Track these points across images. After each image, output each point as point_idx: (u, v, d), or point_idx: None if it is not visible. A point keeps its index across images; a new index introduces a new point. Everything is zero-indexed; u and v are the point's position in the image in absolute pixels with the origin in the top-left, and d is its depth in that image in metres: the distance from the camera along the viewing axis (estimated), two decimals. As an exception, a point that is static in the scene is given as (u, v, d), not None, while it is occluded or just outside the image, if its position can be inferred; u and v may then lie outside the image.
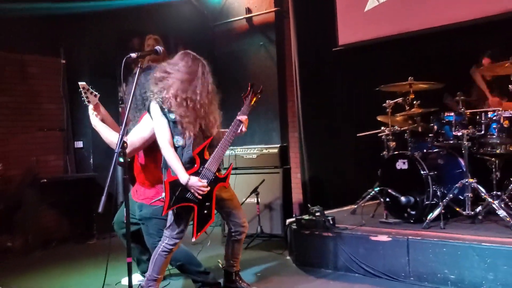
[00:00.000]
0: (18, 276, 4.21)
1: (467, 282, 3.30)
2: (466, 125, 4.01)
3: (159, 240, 3.40)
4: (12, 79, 5.84)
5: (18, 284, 3.93)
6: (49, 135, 6.09)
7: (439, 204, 3.86)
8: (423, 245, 3.53)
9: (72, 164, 6.20)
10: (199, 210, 3.07)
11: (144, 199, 3.39)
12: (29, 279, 4.13)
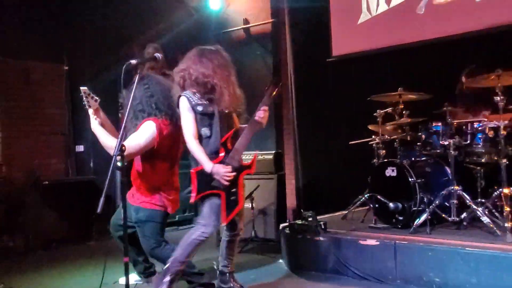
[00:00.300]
0: (19, 275, 4.23)
1: (451, 285, 3.33)
2: (453, 134, 4.05)
3: (155, 242, 3.43)
4: (16, 85, 5.89)
5: (19, 283, 3.95)
6: (51, 139, 6.12)
7: (426, 210, 3.88)
8: (410, 249, 3.56)
9: (73, 167, 6.22)
10: (227, 197, 3.11)
11: (140, 203, 3.40)
12: (29, 278, 4.16)
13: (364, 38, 5.39)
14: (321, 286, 3.72)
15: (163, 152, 3.42)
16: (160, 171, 3.47)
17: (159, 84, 3.50)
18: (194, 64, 3.22)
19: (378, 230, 4.09)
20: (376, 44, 5.26)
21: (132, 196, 3.46)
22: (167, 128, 3.39)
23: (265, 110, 3.22)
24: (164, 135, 3.35)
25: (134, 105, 3.32)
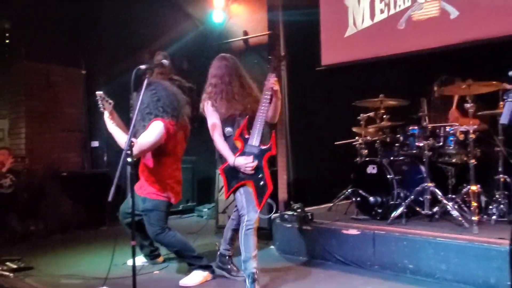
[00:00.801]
0: (38, 255, 4.24)
1: (423, 271, 3.34)
2: (427, 137, 4.05)
3: (160, 229, 3.43)
4: (39, 86, 5.92)
5: (38, 262, 3.95)
6: (70, 135, 6.14)
7: (402, 204, 3.89)
8: (387, 238, 3.57)
9: (88, 161, 6.24)
10: (256, 184, 2.99)
11: (147, 193, 3.43)
12: (48, 258, 4.17)
13: (350, 49, 5.40)
14: (307, 270, 3.71)
15: (169, 149, 3.46)
16: (166, 165, 3.50)
17: (165, 90, 3.52)
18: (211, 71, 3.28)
19: (359, 221, 4.08)
20: (361, 55, 5.27)
21: (139, 188, 3.48)
22: (173, 127, 3.41)
23: (274, 78, 3.07)
24: (171, 133, 3.38)
25: (142, 109, 3.33)
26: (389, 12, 5.17)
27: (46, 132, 5.94)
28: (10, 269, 3.68)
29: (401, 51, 4.98)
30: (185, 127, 3.64)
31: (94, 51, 6.24)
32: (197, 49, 7.01)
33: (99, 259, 4.03)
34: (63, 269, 3.80)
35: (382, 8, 5.22)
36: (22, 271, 3.70)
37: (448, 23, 4.75)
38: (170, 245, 3.53)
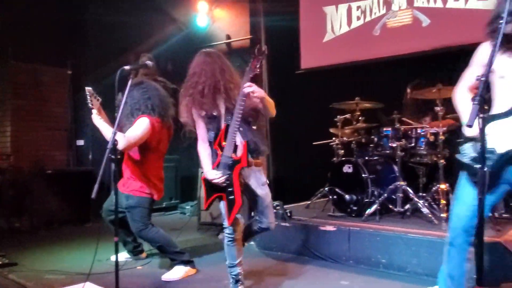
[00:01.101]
0: (24, 252, 4.12)
1: (395, 265, 3.37)
2: (400, 138, 4.10)
3: (143, 225, 3.38)
4: (25, 86, 5.79)
5: (22, 258, 3.85)
6: (55, 134, 6.02)
7: (376, 202, 3.93)
8: (361, 234, 3.58)
9: (73, 159, 6.14)
10: (227, 197, 2.70)
11: (131, 190, 3.39)
12: (32, 254, 4.06)
13: (328, 54, 5.42)
14: (286, 265, 3.70)
15: (153, 145, 3.43)
16: (149, 162, 3.48)
17: (155, 90, 3.53)
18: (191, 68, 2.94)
19: (335, 218, 4.10)
20: (338, 59, 5.30)
21: (123, 185, 3.43)
22: (158, 125, 3.41)
23: (249, 86, 2.62)
24: (156, 130, 3.37)
25: (132, 104, 3.36)
26: (365, 19, 5.21)
27: (32, 131, 5.81)
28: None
29: (376, 57, 5.03)
30: (170, 127, 3.61)
31: (80, 52, 6.14)
32: (181, 51, 6.94)
33: (82, 255, 3.95)
34: (47, 265, 3.70)
35: (359, 15, 5.26)
36: (6, 267, 3.59)
37: (421, 31, 4.81)
38: (153, 241, 3.49)
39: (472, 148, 2.33)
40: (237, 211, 2.68)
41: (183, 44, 6.95)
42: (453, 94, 2.50)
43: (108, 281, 3.01)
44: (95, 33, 6.03)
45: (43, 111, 5.97)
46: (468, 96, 2.43)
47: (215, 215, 5.05)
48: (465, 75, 2.49)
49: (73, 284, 3.14)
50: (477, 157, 2.28)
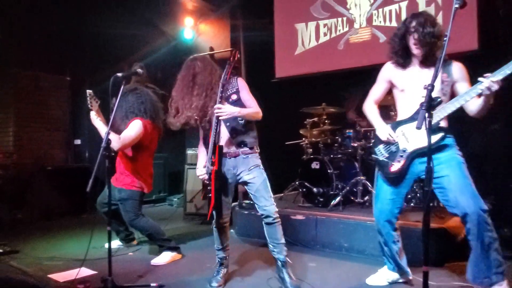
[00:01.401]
0: (25, 240, 4.02)
1: (356, 249, 3.44)
2: (360, 139, 4.17)
3: (134, 215, 3.34)
4: (27, 91, 5.64)
5: (23, 246, 3.75)
6: (55, 134, 5.88)
7: (339, 194, 3.98)
8: (327, 222, 3.63)
9: (71, 157, 6.02)
10: (207, 194, 2.64)
11: (123, 184, 3.35)
12: (33, 243, 3.95)
13: (299, 65, 5.44)
14: (261, 250, 3.71)
15: (145, 144, 3.40)
16: (141, 159, 3.44)
17: (148, 95, 3.52)
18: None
19: (304, 208, 4.13)
20: (308, 70, 5.32)
21: (115, 180, 3.38)
22: (150, 126, 3.40)
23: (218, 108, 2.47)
24: (148, 131, 3.36)
25: (127, 108, 3.35)
26: (331, 35, 5.26)
27: (33, 131, 5.66)
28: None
29: (340, 68, 5.05)
30: (159, 129, 3.58)
31: (78, 61, 6.01)
32: (169, 61, 6.90)
33: (78, 243, 3.89)
34: (46, 252, 3.62)
35: (325, 31, 5.30)
36: (8, 254, 3.49)
37: (378, 46, 4.87)
38: (143, 229, 3.45)
39: (384, 149, 2.47)
40: (212, 209, 2.60)
41: (171, 55, 6.91)
42: (364, 106, 2.66)
43: (102, 266, 2.97)
44: (92, 44, 5.92)
45: (43, 114, 5.81)
46: (374, 108, 2.62)
47: (199, 206, 5.04)
48: (372, 91, 2.65)
49: (70, 269, 3.08)
50: (389, 156, 2.44)
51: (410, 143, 2.36)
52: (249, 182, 2.64)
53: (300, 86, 5.47)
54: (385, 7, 4.87)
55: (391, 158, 2.44)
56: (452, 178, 2.24)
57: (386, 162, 2.45)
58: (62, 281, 2.87)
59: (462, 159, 2.32)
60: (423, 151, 2.28)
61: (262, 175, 2.66)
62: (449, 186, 2.24)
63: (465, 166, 2.30)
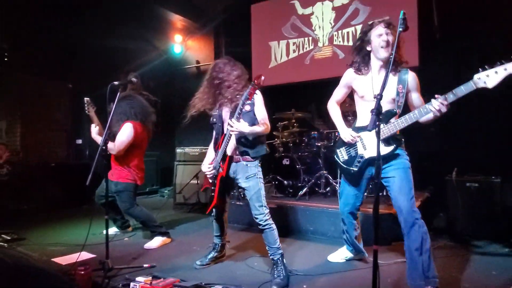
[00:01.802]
0: (30, 229, 3.85)
1: (319, 232, 3.46)
2: (323, 139, 4.21)
3: (129, 205, 3.28)
4: (32, 96, 5.44)
5: (29, 234, 3.59)
6: (58, 134, 5.69)
7: (306, 186, 4.01)
8: (295, 210, 3.64)
9: (73, 154, 5.84)
10: (210, 192, 2.55)
11: (119, 178, 3.27)
12: (38, 231, 3.79)
13: (273, 76, 5.46)
14: (238, 233, 3.72)
15: (137, 143, 3.34)
16: (133, 156, 3.37)
17: (139, 101, 3.46)
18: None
19: (277, 198, 4.13)
20: (280, 81, 5.35)
21: (112, 175, 3.29)
22: (140, 128, 3.33)
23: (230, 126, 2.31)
24: (138, 132, 3.31)
25: (120, 112, 3.27)
26: (299, 52, 5.31)
27: (38, 132, 5.45)
28: (4, 240, 3.33)
29: (307, 79, 5.12)
30: (149, 130, 3.52)
31: (79, 69, 5.83)
32: (161, 72, 6.81)
33: (79, 231, 3.76)
34: (50, 239, 3.49)
35: (294, 49, 5.35)
36: (15, 241, 3.35)
37: (338, 61, 4.96)
38: (137, 217, 3.37)
39: (345, 152, 2.42)
40: (212, 206, 2.55)
41: (162, 66, 6.84)
42: (328, 105, 2.59)
43: (100, 250, 2.89)
44: (91, 55, 5.74)
45: (47, 116, 5.61)
46: (337, 108, 2.55)
47: (187, 197, 4.98)
48: (334, 93, 2.57)
49: (71, 254, 2.98)
50: (348, 159, 2.40)
51: (367, 150, 2.30)
52: (245, 189, 2.50)
53: (273, 94, 5.45)
54: (343, 29, 4.96)
55: (349, 163, 2.38)
56: (396, 180, 2.21)
57: (346, 168, 2.43)
58: (64, 264, 2.77)
59: (408, 164, 2.26)
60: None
61: (257, 185, 2.46)
62: (393, 186, 2.22)
63: (410, 171, 2.24)
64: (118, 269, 2.61)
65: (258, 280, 2.44)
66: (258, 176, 2.49)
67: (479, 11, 4.11)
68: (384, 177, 2.26)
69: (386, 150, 2.21)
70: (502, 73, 1.80)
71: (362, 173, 2.38)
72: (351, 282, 2.44)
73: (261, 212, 2.46)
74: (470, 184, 3.30)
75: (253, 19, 5.68)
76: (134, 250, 3.14)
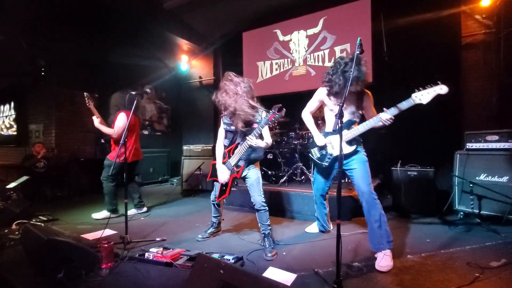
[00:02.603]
0: (63, 211, 3.75)
1: (296, 211, 3.45)
2: (299, 138, 4.22)
3: (108, 177, 3.34)
4: (65, 103, 5.25)
5: (63, 216, 3.51)
6: (86, 135, 5.50)
7: (285, 175, 3.99)
8: (278, 194, 3.61)
9: (98, 151, 5.68)
10: (222, 187, 2.53)
11: (110, 156, 3.39)
12: (69, 213, 3.70)
13: (260, 89, 5.44)
14: (232, 213, 3.69)
15: (130, 128, 3.42)
16: (129, 138, 3.46)
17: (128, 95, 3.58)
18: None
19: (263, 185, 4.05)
20: (265, 93, 5.33)
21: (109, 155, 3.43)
22: (129, 114, 3.39)
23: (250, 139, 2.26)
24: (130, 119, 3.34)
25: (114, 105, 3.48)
26: (280, 70, 5.31)
27: (70, 132, 5.29)
28: (41, 220, 3.25)
29: (286, 91, 5.12)
30: (139, 119, 3.65)
31: (104, 81, 5.69)
32: (170, 85, 6.71)
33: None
34: (79, 219, 3.41)
35: (276, 67, 5.34)
36: (50, 221, 3.27)
37: (311, 78, 4.98)
38: (105, 189, 3.37)
39: (317, 151, 2.51)
40: (223, 198, 2.56)
41: (171, 81, 6.73)
42: (302, 115, 2.64)
43: (121, 228, 2.82)
44: (114, 69, 5.62)
45: (77, 120, 5.43)
46: (311, 118, 2.61)
47: (192, 185, 4.93)
48: (308, 105, 2.62)
49: (96, 231, 2.92)
50: (320, 157, 2.48)
51: (334, 149, 2.39)
52: (246, 177, 2.47)
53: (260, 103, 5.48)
54: (315, 53, 4.98)
55: (321, 159, 2.47)
56: (358, 170, 2.27)
57: (319, 163, 2.49)
58: (91, 239, 2.71)
59: (366, 158, 2.33)
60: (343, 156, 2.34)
61: (256, 174, 2.46)
62: (356, 175, 2.27)
63: (367, 164, 2.30)
64: (135, 243, 2.57)
65: (248, 249, 2.44)
66: (257, 168, 2.53)
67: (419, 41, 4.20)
68: (348, 169, 2.34)
69: (349, 149, 2.31)
70: (432, 93, 1.94)
71: (331, 166, 2.47)
72: (320, 249, 2.46)
73: (259, 195, 2.43)
74: (410, 172, 3.37)
75: (244, 43, 5.66)
76: (149, 228, 3.10)
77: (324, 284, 1.91)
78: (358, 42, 1.84)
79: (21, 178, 3.82)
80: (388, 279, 1.97)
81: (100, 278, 1.98)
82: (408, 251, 2.38)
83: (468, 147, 3.15)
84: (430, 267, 2.11)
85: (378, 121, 2.12)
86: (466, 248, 2.39)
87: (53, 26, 4.82)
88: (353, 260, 2.22)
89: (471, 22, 4.08)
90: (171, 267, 2.13)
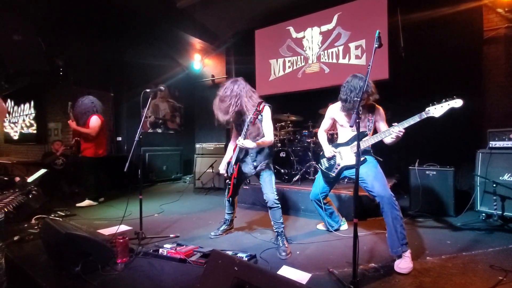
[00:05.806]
0: (80, 207, 3.85)
1: (309, 209, 3.40)
2: (312, 136, 4.16)
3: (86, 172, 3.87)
4: (82, 102, 5.42)
5: (80, 211, 3.61)
6: (103, 133, 5.70)
7: (298, 173, 3.95)
8: (291, 192, 3.59)
9: (114, 148, 5.81)
10: (227, 186, 2.57)
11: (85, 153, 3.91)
12: (87, 209, 3.79)
13: (272, 87, 5.43)
14: (245, 211, 3.68)
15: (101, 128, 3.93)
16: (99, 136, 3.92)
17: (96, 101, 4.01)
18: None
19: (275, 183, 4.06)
20: (278, 91, 5.31)
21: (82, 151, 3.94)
22: (100, 117, 3.95)
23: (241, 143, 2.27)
24: (101, 121, 3.95)
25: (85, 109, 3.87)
26: (293, 68, 5.26)
27: (87, 130, 5.46)
28: (60, 216, 3.34)
29: (299, 89, 5.07)
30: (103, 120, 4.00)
31: (119, 81, 5.81)
32: (184, 84, 6.77)
33: (119, 208, 3.76)
34: (96, 215, 3.49)
35: (289, 65, 5.30)
36: (68, 217, 3.36)
37: (324, 75, 4.91)
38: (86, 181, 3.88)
39: (326, 162, 2.54)
40: (229, 195, 2.60)
41: (184, 79, 6.77)
42: (318, 134, 2.69)
43: (135, 224, 2.88)
44: (129, 69, 5.73)
45: (94, 118, 5.62)
46: (324, 135, 2.65)
47: (204, 182, 4.96)
48: (322, 123, 2.63)
49: (112, 226, 2.97)
50: (328, 167, 2.51)
51: (343, 160, 2.42)
52: (261, 175, 2.47)
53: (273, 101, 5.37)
54: (328, 49, 4.90)
55: (329, 169, 2.49)
56: (370, 173, 2.21)
57: (327, 173, 2.51)
58: (107, 234, 2.76)
59: (377, 163, 2.30)
60: (350, 166, 2.38)
61: (269, 171, 2.46)
62: (368, 178, 2.20)
63: (379, 168, 2.26)
64: (150, 238, 2.60)
65: (261, 247, 2.42)
66: (271, 167, 2.50)
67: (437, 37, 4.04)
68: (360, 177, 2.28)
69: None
70: (446, 107, 1.99)
71: (337, 176, 2.50)
72: (334, 249, 2.41)
73: (272, 192, 2.42)
74: (429, 172, 3.25)
75: (257, 41, 5.64)
76: (162, 224, 3.13)
77: (339, 285, 1.87)
78: (376, 35, 1.79)
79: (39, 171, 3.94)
80: (407, 281, 1.91)
81: (115, 273, 2.01)
82: (428, 253, 2.29)
83: (491, 146, 3.01)
84: (451, 270, 2.03)
85: (389, 134, 2.14)
86: (488, 251, 2.28)
87: (70, 26, 4.95)
88: (369, 261, 2.16)
89: (493, 15, 3.90)
90: (184, 263, 2.14)
